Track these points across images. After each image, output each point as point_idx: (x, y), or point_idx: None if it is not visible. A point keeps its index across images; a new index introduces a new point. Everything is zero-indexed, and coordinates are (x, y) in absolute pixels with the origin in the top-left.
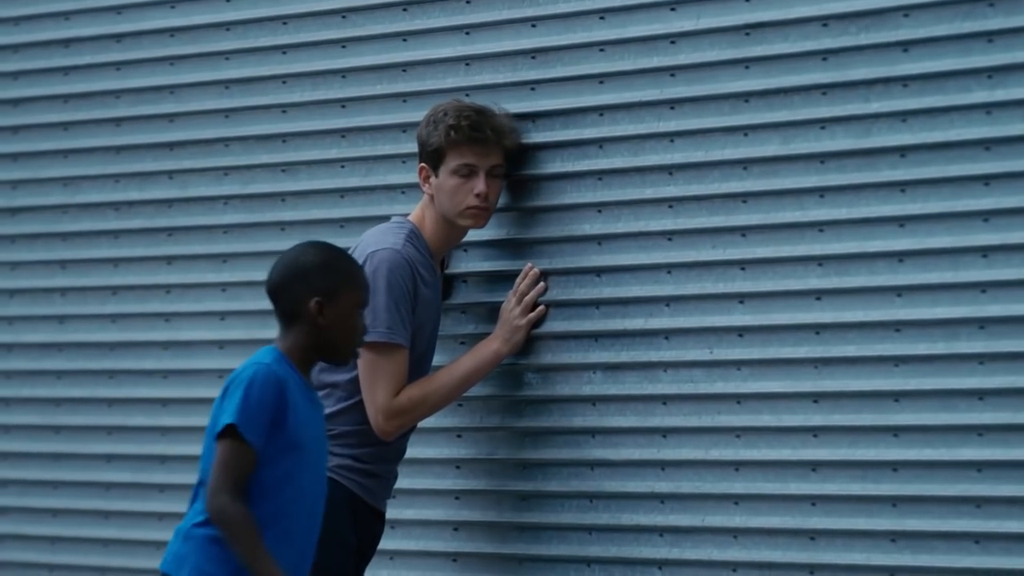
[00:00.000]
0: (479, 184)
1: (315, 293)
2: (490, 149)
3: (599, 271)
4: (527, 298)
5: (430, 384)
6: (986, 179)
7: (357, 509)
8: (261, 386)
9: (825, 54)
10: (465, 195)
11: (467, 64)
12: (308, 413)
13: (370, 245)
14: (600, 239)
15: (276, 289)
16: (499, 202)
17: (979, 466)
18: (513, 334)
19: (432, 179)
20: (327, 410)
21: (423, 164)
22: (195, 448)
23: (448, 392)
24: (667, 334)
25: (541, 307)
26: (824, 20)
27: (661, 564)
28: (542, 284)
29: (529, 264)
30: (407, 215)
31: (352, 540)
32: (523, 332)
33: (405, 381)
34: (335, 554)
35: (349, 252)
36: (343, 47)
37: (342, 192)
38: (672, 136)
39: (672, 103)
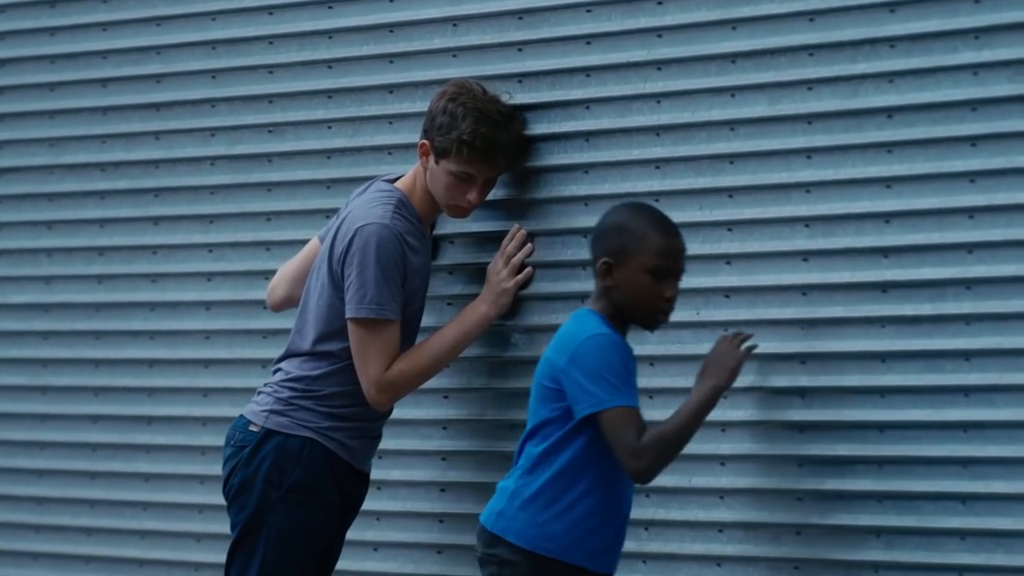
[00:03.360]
0: (473, 192)
1: (605, 254)
2: (494, 167)
3: (586, 232)
4: (514, 260)
5: (420, 354)
6: (973, 140)
7: (339, 470)
8: (611, 352)
9: (812, 15)
10: (457, 196)
11: (454, 25)
12: None
13: (358, 219)
14: (587, 200)
15: (589, 246)
16: None
17: (965, 427)
18: (500, 297)
19: (431, 159)
20: (316, 372)
21: (425, 141)
22: (181, 408)
23: (438, 359)
24: None
25: (528, 269)
26: None
27: (647, 525)
28: (529, 246)
29: (516, 225)
30: (394, 180)
31: (335, 501)
32: (510, 295)
33: (397, 353)
34: (317, 514)
35: (341, 219)
36: (330, 7)
37: (329, 153)
38: (659, 97)
39: (659, 64)
